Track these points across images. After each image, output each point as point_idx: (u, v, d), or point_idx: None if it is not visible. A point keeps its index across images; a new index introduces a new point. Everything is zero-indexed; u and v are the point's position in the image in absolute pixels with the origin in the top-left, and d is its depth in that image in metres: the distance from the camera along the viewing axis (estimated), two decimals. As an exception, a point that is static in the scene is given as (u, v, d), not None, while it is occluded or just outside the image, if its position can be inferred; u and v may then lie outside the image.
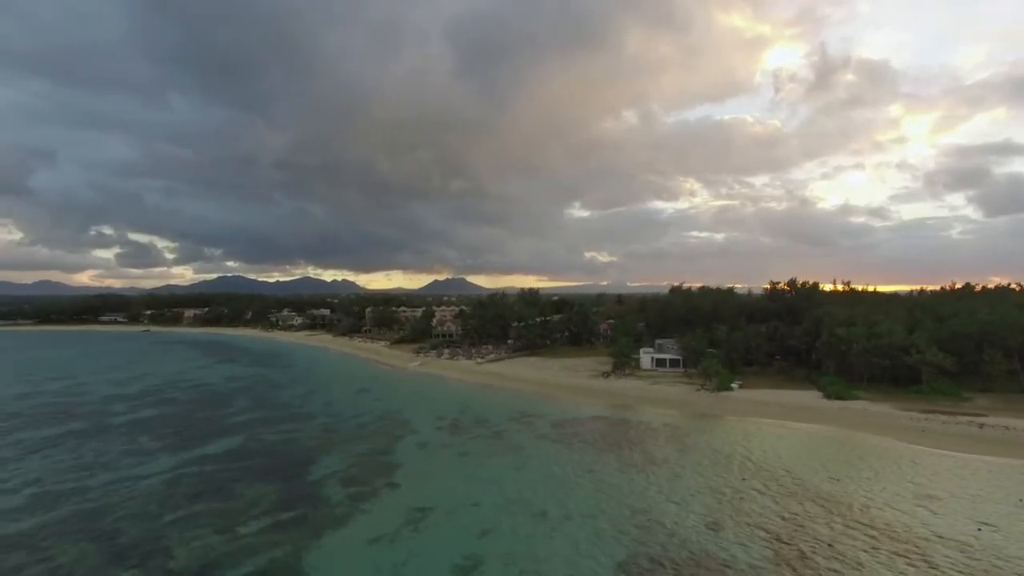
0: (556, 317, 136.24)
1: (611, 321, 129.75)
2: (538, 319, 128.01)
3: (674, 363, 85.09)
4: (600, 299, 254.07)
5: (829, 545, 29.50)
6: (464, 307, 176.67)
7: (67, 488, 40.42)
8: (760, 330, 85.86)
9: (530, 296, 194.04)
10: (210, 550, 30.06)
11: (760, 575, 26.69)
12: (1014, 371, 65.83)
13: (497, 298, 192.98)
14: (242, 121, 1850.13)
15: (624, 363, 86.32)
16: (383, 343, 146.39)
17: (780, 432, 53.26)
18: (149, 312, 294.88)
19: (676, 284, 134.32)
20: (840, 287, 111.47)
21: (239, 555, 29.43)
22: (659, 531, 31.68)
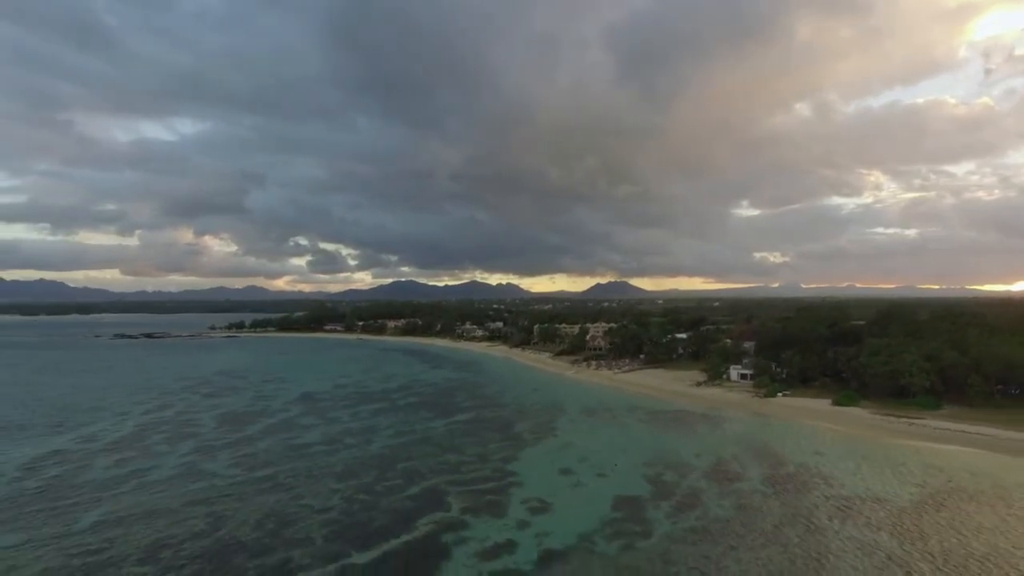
0: (681, 336, 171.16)
1: (728, 341, 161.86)
2: (664, 339, 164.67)
3: (753, 377, 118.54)
4: (761, 305, 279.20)
5: (739, 461, 66.81)
6: (612, 324, 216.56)
7: (405, 430, 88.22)
8: (825, 355, 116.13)
9: (671, 315, 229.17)
10: (481, 451, 74.59)
11: (696, 468, 64.99)
12: (992, 392, 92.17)
13: (640, 317, 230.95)
14: (418, 138, 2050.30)
15: (715, 376, 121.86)
16: (548, 355, 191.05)
17: (780, 421, 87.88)
18: (361, 323, 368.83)
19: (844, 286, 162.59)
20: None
21: (493, 453, 73.57)
22: (672, 455, 70.64)
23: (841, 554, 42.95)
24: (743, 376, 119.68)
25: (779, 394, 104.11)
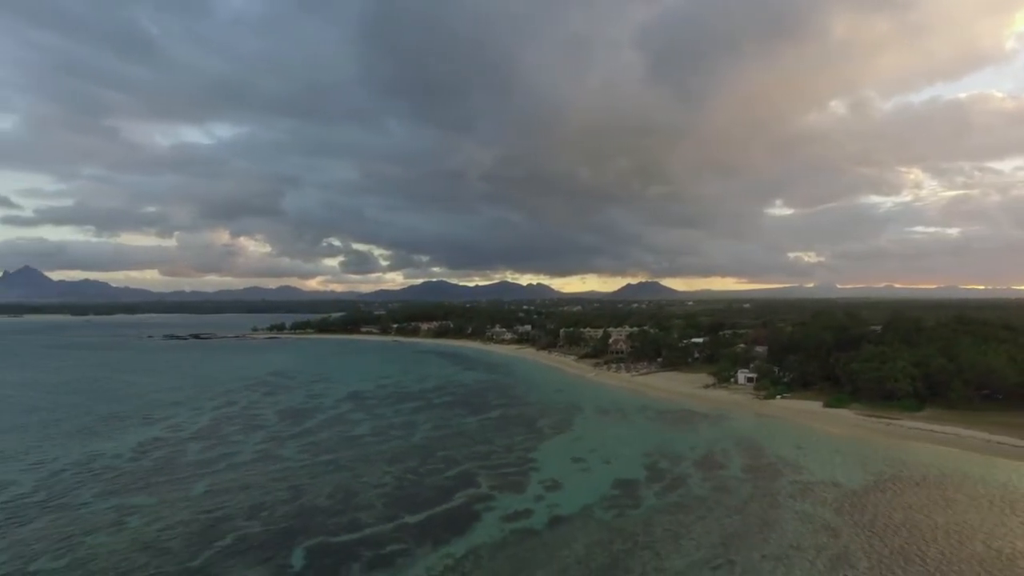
0: (698, 340, 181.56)
1: (742, 345, 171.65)
2: (681, 343, 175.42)
3: (758, 380, 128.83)
4: (792, 306, 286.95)
5: (727, 453, 78.20)
6: (635, 328, 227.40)
7: (442, 424, 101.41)
8: (827, 360, 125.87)
9: (691, 319, 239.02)
10: (507, 442, 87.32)
11: (688, 458, 76.54)
12: (971, 396, 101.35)
13: (662, 321, 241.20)
14: (450, 140, 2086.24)
15: (723, 379, 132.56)
16: (572, 357, 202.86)
17: (773, 420, 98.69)
18: (395, 325, 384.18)
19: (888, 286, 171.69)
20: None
21: (517, 444, 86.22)
22: (670, 447, 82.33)
23: (787, 522, 54.59)
24: (749, 379, 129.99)
25: (778, 396, 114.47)
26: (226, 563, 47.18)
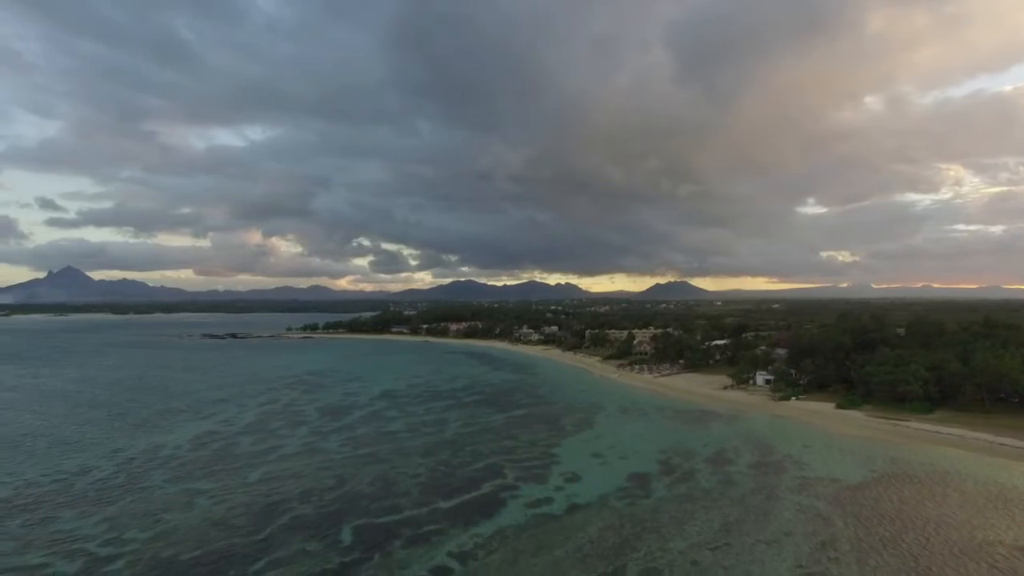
0: (720, 342, 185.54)
1: (762, 348, 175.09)
2: (703, 345, 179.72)
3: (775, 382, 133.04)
4: (826, 307, 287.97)
5: (737, 451, 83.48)
6: (659, 330, 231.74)
7: (471, 421, 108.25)
8: (843, 363, 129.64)
9: (714, 321, 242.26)
10: (531, 438, 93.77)
11: (700, 455, 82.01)
12: (982, 400, 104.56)
13: (687, 322, 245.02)
14: (479, 141, 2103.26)
15: (741, 381, 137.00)
16: (597, 358, 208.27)
17: (785, 420, 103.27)
18: (425, 326, 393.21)
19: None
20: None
21: (541, 440, 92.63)
22: (684, 445, 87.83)
23: (784, 512, 60.03)
24: (767, 381, 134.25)
25: (793, 398, 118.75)
26: (286, 538, 54.65)
